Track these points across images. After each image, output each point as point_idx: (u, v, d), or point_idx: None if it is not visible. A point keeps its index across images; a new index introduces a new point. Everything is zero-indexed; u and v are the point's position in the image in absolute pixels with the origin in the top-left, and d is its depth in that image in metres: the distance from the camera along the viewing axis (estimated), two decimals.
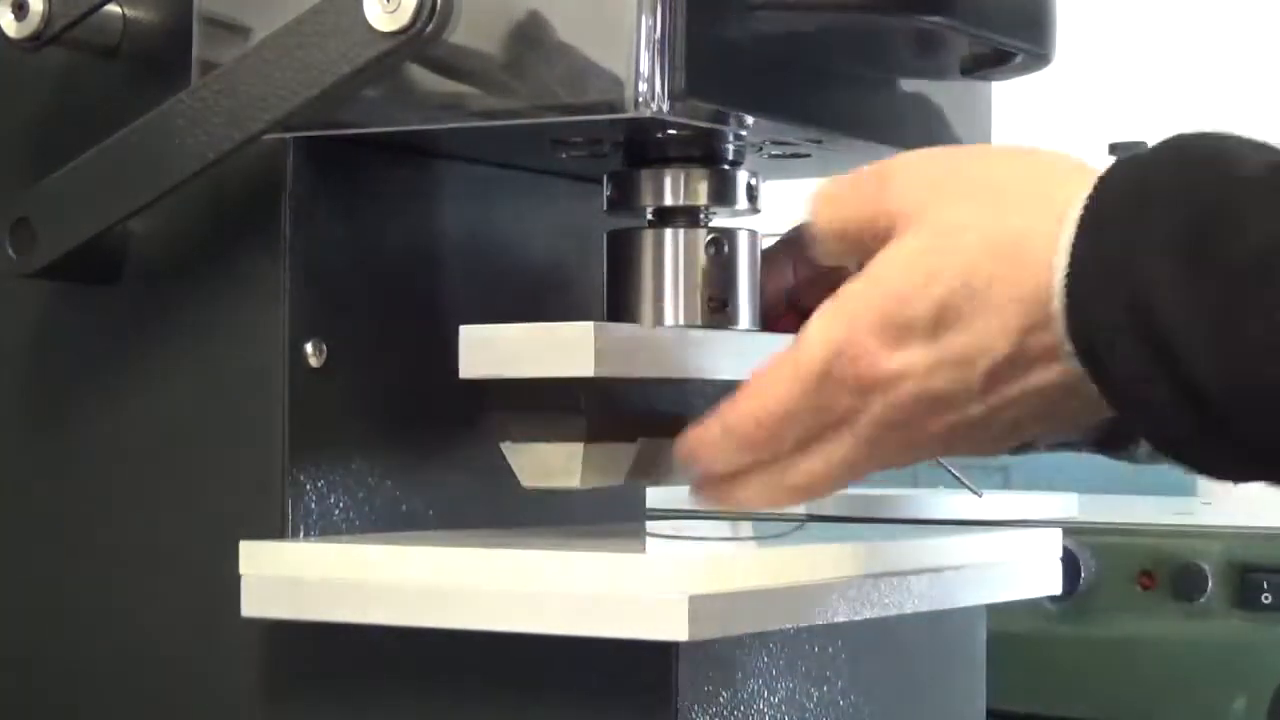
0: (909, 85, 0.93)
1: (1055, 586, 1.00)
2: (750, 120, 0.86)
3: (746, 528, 0.87)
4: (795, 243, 0.98)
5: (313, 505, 0.88)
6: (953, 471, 1.05)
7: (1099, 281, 0.66)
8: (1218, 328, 0.64)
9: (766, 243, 0.94)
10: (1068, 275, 0.67)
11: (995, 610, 0.97)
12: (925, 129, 0.95)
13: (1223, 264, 0.63)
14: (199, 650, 0.89)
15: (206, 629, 0.89)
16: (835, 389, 0.73)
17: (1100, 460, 0.92)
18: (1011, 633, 0.91)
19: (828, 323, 0.73)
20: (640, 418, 0.85)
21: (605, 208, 0.92)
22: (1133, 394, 0.66)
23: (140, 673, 0.91)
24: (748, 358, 0.87)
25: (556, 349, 0.81)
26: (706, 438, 0.77)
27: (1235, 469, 0.68)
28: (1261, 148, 0.68)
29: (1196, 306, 0.64)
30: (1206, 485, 1.60)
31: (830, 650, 0.88)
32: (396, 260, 0.92)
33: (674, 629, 0.77)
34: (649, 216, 0.91)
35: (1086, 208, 0.68)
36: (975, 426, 0.72)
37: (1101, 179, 0.69)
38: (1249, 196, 0.64)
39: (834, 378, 0.73)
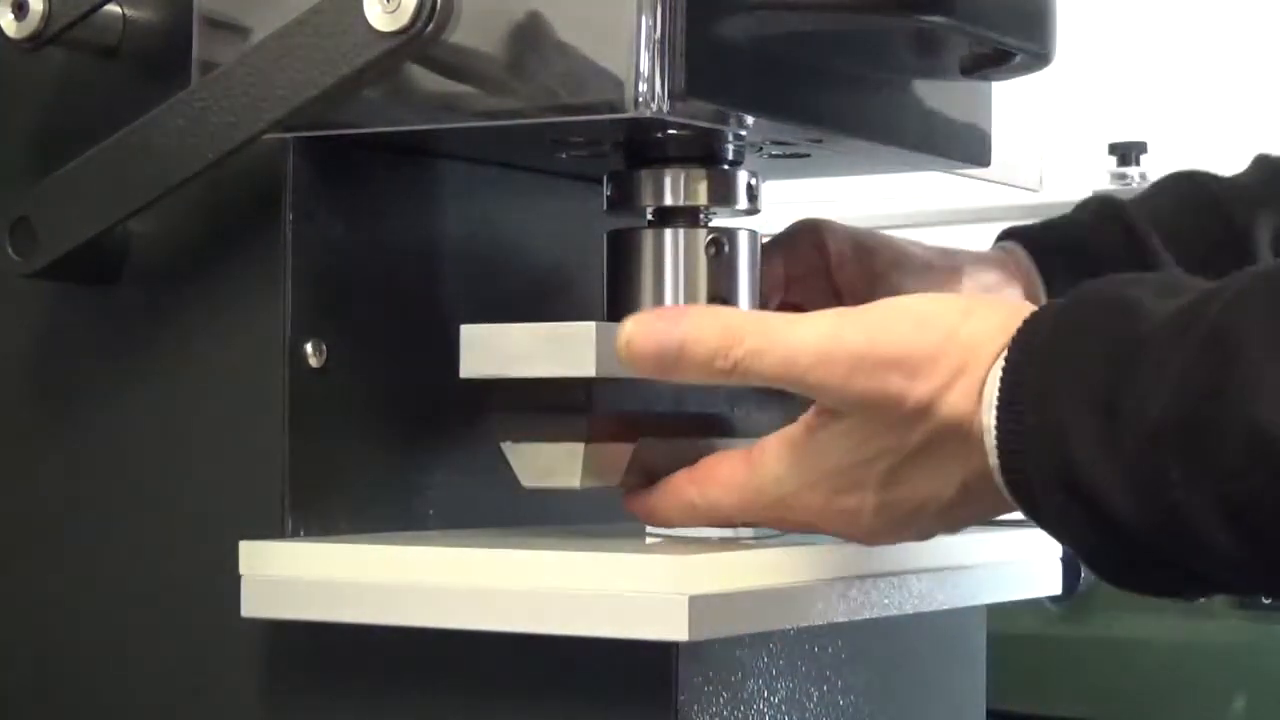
0: (909, 85, 0.93)
1: (1055, 586, 1.00)
2: (750, 120, 0.86)
3: (746, 528, 0.87)
4: (789, 239, 0.98)
5: (313, 505, 0.88)
6: None
7: (1028, 449, 0.72)
8: (1137, 486, 0.68)
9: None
10: (998, 446, 0.73)
11: (995, 610, 0.97)
12: (925, 129, 0.95)
13: (1135, 429, 0.68)
14: (199, 650, 0.89)
15: (206, 629, 0.89)
16: (788, 516, 0.81)
17: None
18: (1011, 633, 0.91)
19: (780, 475, 0.80)
20: (640, 418, 0.85)
21: (605, 207, 0.92)
22: (1069, 537, 0.72)
23: (140, 673, 0.91)
24: None
25: (557, 349, 0.81)
26: (661, 505, 0.84)
27: (1165, 590, 0.73)
28: (1164, 289, 0.71)
29: (1116, 468, 0.69)
30: None
31: (830, 650, 0.88)
32: (396, 260, 0.92)
33: (674, 629, 0.77)
34: (649, 216, 0.91)
35: (1004, 378, 0.73)
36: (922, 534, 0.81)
37: (1014, 343, 0.73)
38: (1154, 353, 0.69)
39: (785, 513, 0.81)
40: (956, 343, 0.75)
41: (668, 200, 0.91)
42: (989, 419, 0.73)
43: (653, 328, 0.79)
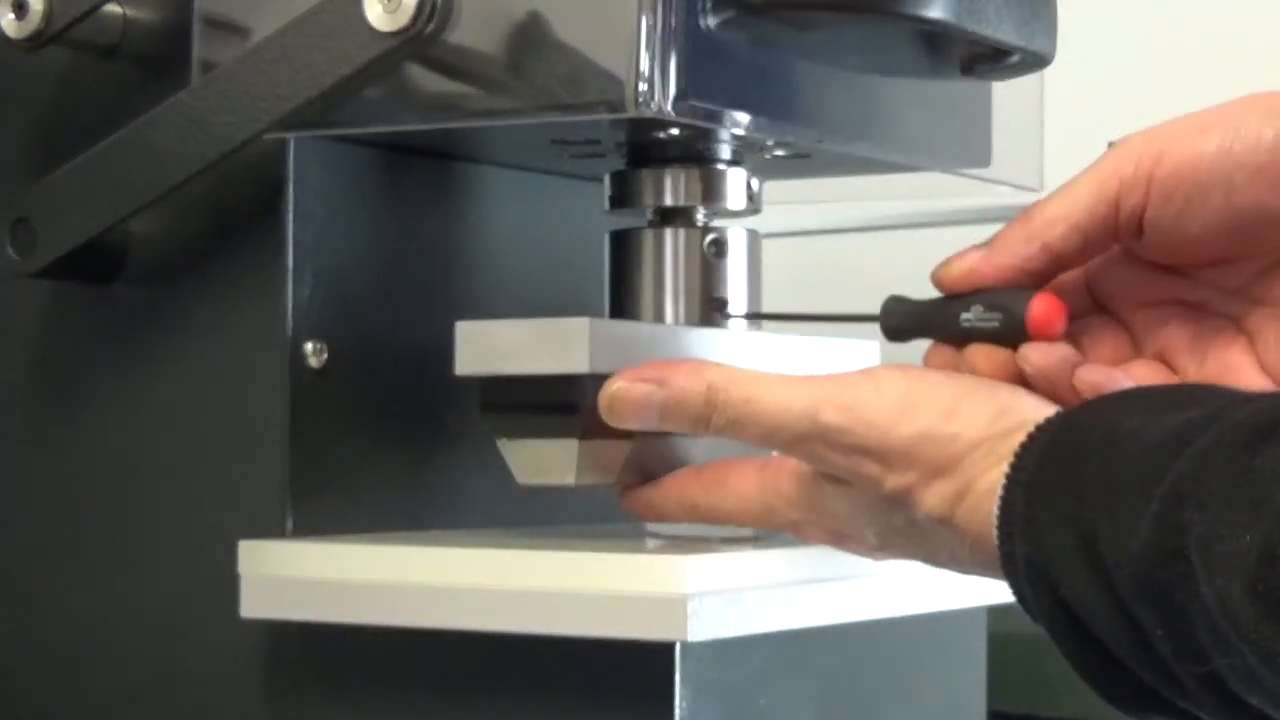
0: (909, 85, 0.93)
1: None
2: (749, 120, 0.86)
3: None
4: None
5: (313, 505, 0.88)
6: None
7: (1023, 574, 0.70)
8: (1123, 635, 0.67)
9: (767, 243, 0.94)
10: (1002, 567, 0.71)
11: (995, 610, 0.97)
12: (925, 129, 0.95)
13: (1114, 573, 0.66)
14: (199, 650, 0.89)
15: (206, 629, 0.89)
16: (794, 532, 0.81)
17: None
18: (1011, 633, 0.91)
19: (793, 500, 0.79)
20: None
21: (607, 208, 0.92)
22: (1066, 653, 0.71)
23: (140, 673, 0.91)
24: (741, 356, 0.87)
25: (551, 345, 0.81)
26: (662, 501, 0.83)
27: (1141, 709, 0.71)
28: (1162, 403, 0.70)
29: (1102, 604, 0.67)
30: None
31: (830, 650, 0.88)
32: (397, 260, 0.92)
33: (674, 629, 0.77)
34: (650, 216, 0.91)
35: (1000, 510, 0.71)
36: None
37: (1008, 477, 0.71)
38: (1128, 496, 0.67)
39: (793, 530, 0.81)
40: (932, 442, 0.74)
41: (668, 200, 0.91)
42: (992, 537, 0.73)
43: (635, 389, 0.79)
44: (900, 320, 0.81)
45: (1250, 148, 0.75)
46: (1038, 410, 0.73)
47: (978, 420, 0.74)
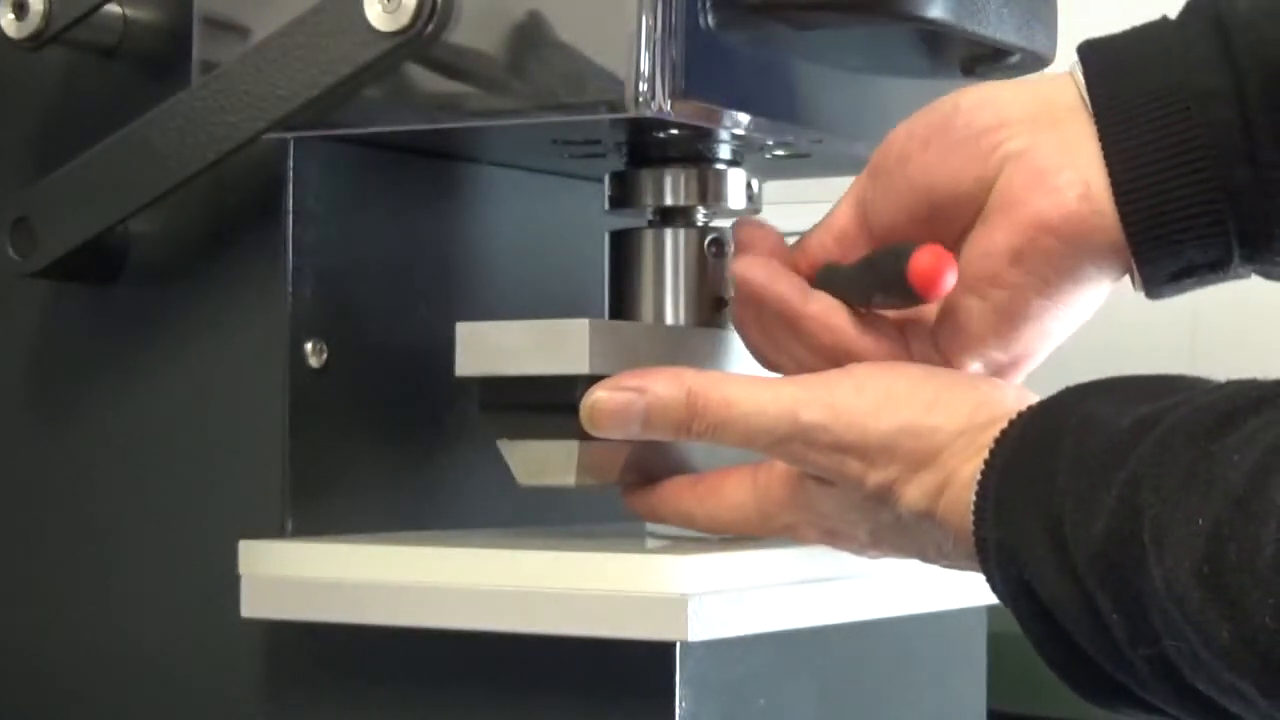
0: (909, 85, 0.93)
1: None
2: (749, 120, 0.86)
3: None
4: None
5: (313, 505, 0.88)
6: None
7: (993, 558, 0.71)
8: (1083, 617, 0.67)
9: None
10: (977, 553, 0.72)
11: (995, 610, 0.97)
12: None
13: (1076, 556, 0.67)
14: (199, 650, 0.89)
15: (206, 629, 0.89)
16: (791, 536, 0.81)
17: None
18: (1011, 633, 0.91)
19: (785, 504, 0.80)
20: None
21: (607, 207, 0.92)
22: (1032, 639, 0.72)
23: (140, 673, 0.91)
24: (742, 356, 0.87)
25: (551, 346, 0.81)
26: (660, 507, 0.84)
27: (1103, 697, 0.71)
28: (1130, 394, 0.70)
29: (1066, 590, 0.68)
30: None
31: (830, 650, 0.88)
32: (396, 260, 0.92)
33: (674, 629, 0.77)
34: (650, 216, 0.91)
35: (976, 496, 0.72)
36: None
37: (986, 464, 0.72)
38: (1089, 485, 0.67)
39: (788, 534, 0.81)
40: (913, 435, 0.74)
41: (668, 200, 0.91)
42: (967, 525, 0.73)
43: (615, 398, 0.79)
44: (825, 286, 0.82)
45: (928, 123, 0.79)
46: (1018, 401, 0.73)
47: (958, 412, 0.74)
